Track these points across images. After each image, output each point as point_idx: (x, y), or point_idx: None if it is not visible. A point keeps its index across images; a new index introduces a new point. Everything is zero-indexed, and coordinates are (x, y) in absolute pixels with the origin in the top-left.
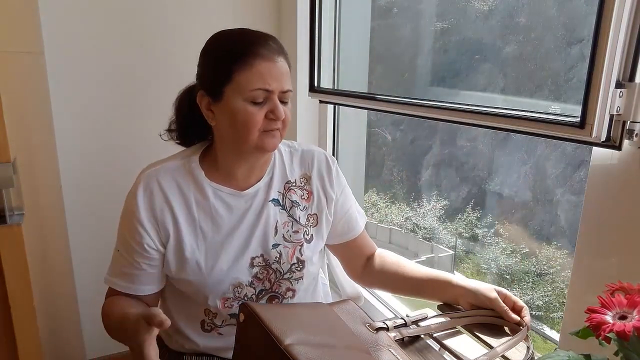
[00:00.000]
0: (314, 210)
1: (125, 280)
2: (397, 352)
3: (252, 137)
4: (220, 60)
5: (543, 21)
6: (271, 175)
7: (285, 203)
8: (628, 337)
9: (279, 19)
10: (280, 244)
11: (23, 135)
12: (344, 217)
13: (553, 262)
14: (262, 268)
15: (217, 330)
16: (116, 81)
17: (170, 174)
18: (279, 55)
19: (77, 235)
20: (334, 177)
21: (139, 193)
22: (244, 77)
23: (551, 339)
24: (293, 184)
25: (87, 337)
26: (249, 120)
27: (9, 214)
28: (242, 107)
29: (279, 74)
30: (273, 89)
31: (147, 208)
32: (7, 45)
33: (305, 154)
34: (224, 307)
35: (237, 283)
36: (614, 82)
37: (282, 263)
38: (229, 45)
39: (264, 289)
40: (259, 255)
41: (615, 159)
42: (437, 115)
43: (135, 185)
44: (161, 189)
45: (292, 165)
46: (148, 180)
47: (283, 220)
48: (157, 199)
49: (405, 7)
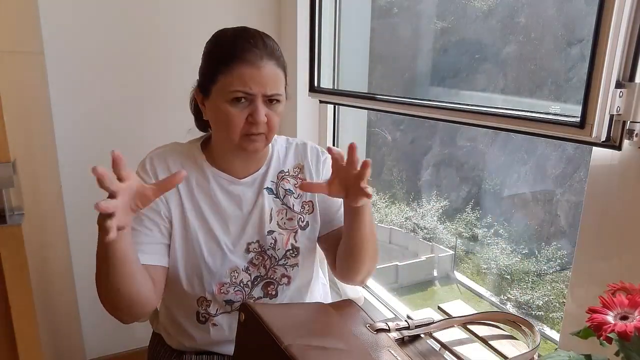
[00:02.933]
0: (308, 198)
1: None
2: (398, 353)
3: (233, 137)
4: (210, 60)
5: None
6: (267, 167)
7: (279, 191)
8: (629, 338)
9: (279, 19)
10: (275, 230)
11: (23, 135)
12: (325, 203)
13: (553, 262)
14: (257, 254)
15: (212, 321)
16: (116, 81)
17: (176, 155)
18: (266, 59)
19: (77, 235)
20: (321, 165)
21: (147, 166)
22: (225, 80)
23: (551, 339)
24: (286, 174)
25: (87, 337)
26: (229, 122)
27: (9, 214)
28: (223, 108)
29: (263, 78)
30: (254, 92)
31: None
32: (7, 45)
33: (300, 146)
34: (219, 292)
35: (234, 267)
36: (614, 82)
37: (277, 249)
38: (218, 47)
39: (259, 275)
40: (255, 241)
41: (615, 159)
42: (437, 115)
43: (143, 161)
44: (167, 166)
45: (286, 157)
46: (155, 157)
47: (277, 208)
48: (161, 174)
49: (405, 7)
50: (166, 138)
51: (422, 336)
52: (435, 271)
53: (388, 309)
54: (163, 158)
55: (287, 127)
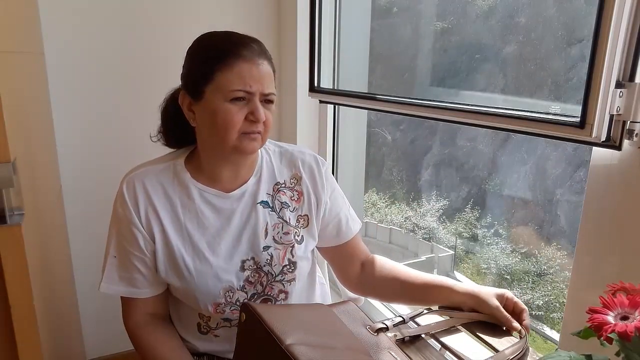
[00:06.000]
0: (304, 212)
1: (126, 285)
2: (398, 354)
3: (230, 138)
4: (203, 60)
5: (543, 21)
6: (259, 176)
7: (275, 205)
8: (630, 338)
9: (279, 19)
10: (271, 246)
11: (23, 135)
12: (333, 219)
13: (553, 262)
14: (253, 271)
15: (213, 333)
16: (116, 81)
17: (154, 175)
18: (261, 57)
19: (77, 235)
20: (324, 179)
21: (125, 195)
22: (224, 78)
23: (551, 339)
24: (282, 185)
25: (87, 337)
26: (228, 121)
27: (9, 214)
28: (221, 107)
29: (260, 76)
30: (254, 90)
31: (134, 209)
32: (7, 45)
33: (295, 154)
34: (215, 312)
35: (228, 287)
36: (614, 82)
37: (274, 265)
38: (211, 46)
39: (256, 293)
40: (250, 258)
41: (615, 159)
42: (437, 115)
43: (120, 189)
44: (144, 190)
45: (280, 166)
46: (131, 182)
47: (273, 222)
48: (141, 200)
49: (405, 7)
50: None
51: (423, 336)
52: (435, 271)
53: (388, 309)
54: (140, 182)
55: (287, 127)
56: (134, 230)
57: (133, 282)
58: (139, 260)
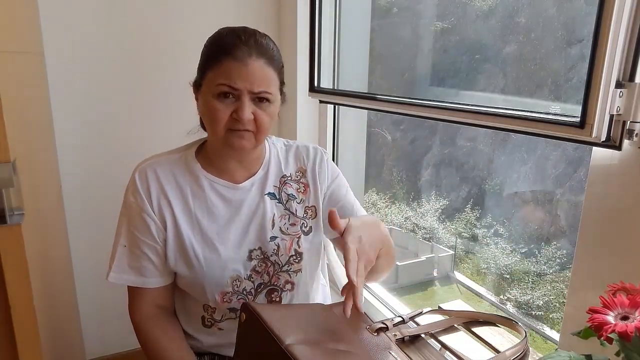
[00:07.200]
0: (311, 203)
1: (136, 274)
2: (398, 353)
3: (218, 133)
4: (203, 55)
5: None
6: (266, 170)
7: (282, 196)
8: (630, 338)
9: (279, 19)
10: (278, 236)
11: (23, 135)
12: (336, 205)
13: (552, 262)
14: (260, 261)
15: (217, 326)
16: (116, 81)
17: (167, 165)
18: (256, 56)
19: (77, 235)
20: (324, 168)
21: (137, 184)
22: (212, 73)
23: (551, 339)
24: (288, 178)
25: (87, 337)
26: (213, 116)
27: (9, 214)
28: (210, 102)
29: (250, 74)
30: (239, 87)
31: (147, 197)
32: (7, 45)
33: (301, 149)
34: (222, 301)
35: (236, 276)
36: (614, 82)
37: (280, 255)
38: (211, 43)
39: (263, 282)
40: (257, 248)
41: (615, 159)
42: (437, 115)
43: (132, 177)
44: (157, 178)
45: (287, 160)
46: (143, 171)
47: (280, 213)
48: (153, 188)
49: (405, 7)
50: (167, 138)
51: (423, 336)
52: (435, 271)
53: (388, 309)
54: (153, 170)
55: (287, 127)
56: (145, 218)
57: (142, 271)
58: (150, 248)
